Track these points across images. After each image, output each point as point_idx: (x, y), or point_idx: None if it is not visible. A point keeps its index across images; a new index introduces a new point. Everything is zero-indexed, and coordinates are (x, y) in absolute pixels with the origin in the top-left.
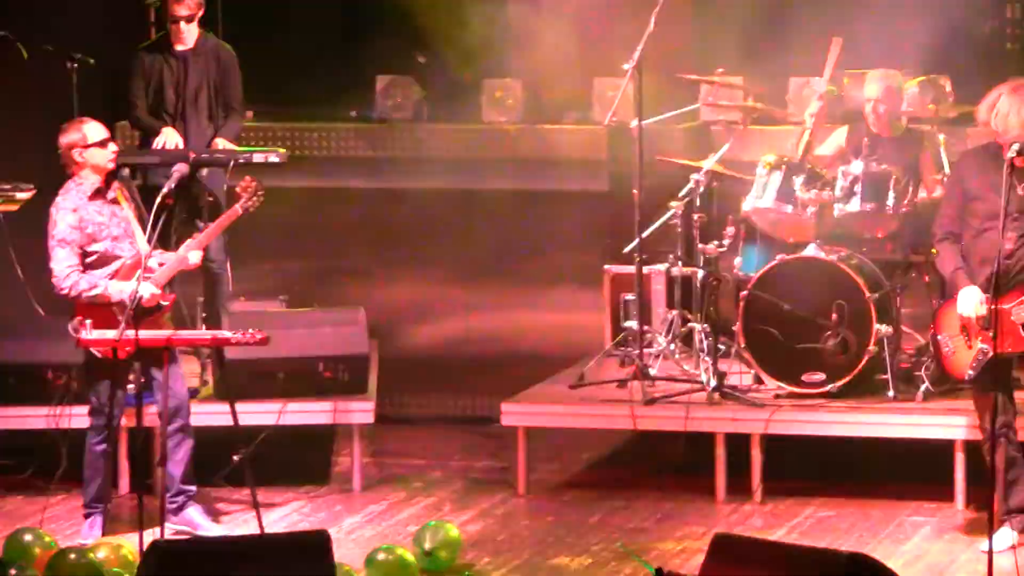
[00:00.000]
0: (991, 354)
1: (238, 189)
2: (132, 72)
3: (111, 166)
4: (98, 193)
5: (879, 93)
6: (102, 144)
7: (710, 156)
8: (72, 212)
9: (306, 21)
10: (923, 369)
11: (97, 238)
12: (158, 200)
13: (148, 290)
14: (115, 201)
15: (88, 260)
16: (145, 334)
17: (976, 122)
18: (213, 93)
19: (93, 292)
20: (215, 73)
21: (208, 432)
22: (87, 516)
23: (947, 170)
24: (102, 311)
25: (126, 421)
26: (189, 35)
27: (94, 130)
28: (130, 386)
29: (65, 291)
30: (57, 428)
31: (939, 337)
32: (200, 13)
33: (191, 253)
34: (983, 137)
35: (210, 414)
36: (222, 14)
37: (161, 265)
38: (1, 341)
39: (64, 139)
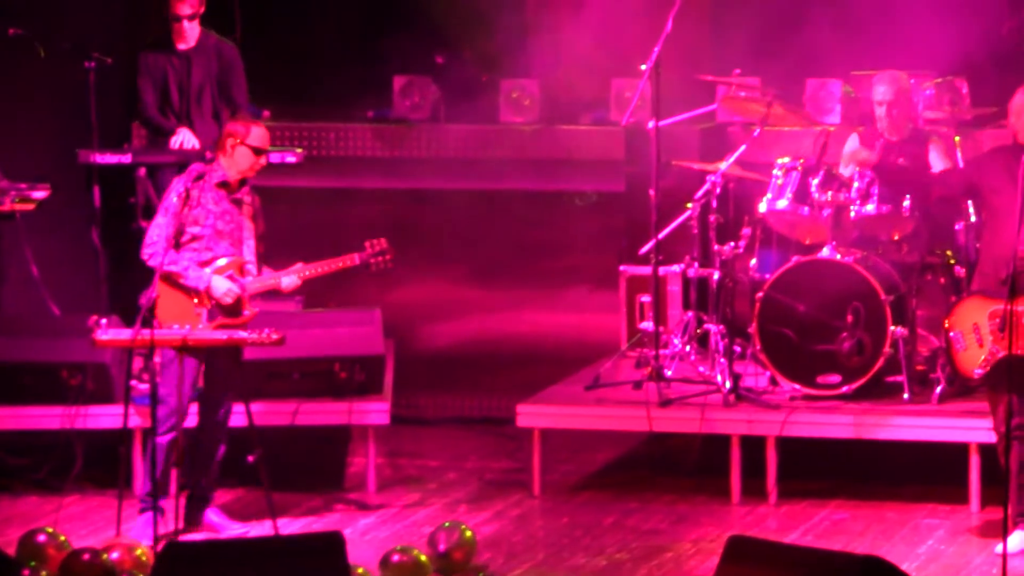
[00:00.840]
0: (1001, 355)
1: (367, 243)
2: (139, 72)
3: (249, 175)
4: (223, 186)
5: (889, 95)
6: (256, 152)
7: (727, 157)
8: (186, 187)
9: (324, 21)
10: (939, 368)
11: (199, 222)
12: (174, 199)
13: (225, 285)
14: (237, 202)
15: (182, 239)
16: (160, 334)
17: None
18: (217, 91)
19: (171, 268)
20: (218, 71)
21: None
22: (141, 512)
23: (960, 163)
24: (177, 296)
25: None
26: (191, 34)
27: (258, 136)
28: (143, 385)
29: (146, 258)
30: (72, 428)
31: (952, 334)
32: (201, 11)
33: (287, 278)
34: (1000, 139)
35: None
36: (240, 14)
37: (255, 275)
38: (16, 340)
39: (230, 124)
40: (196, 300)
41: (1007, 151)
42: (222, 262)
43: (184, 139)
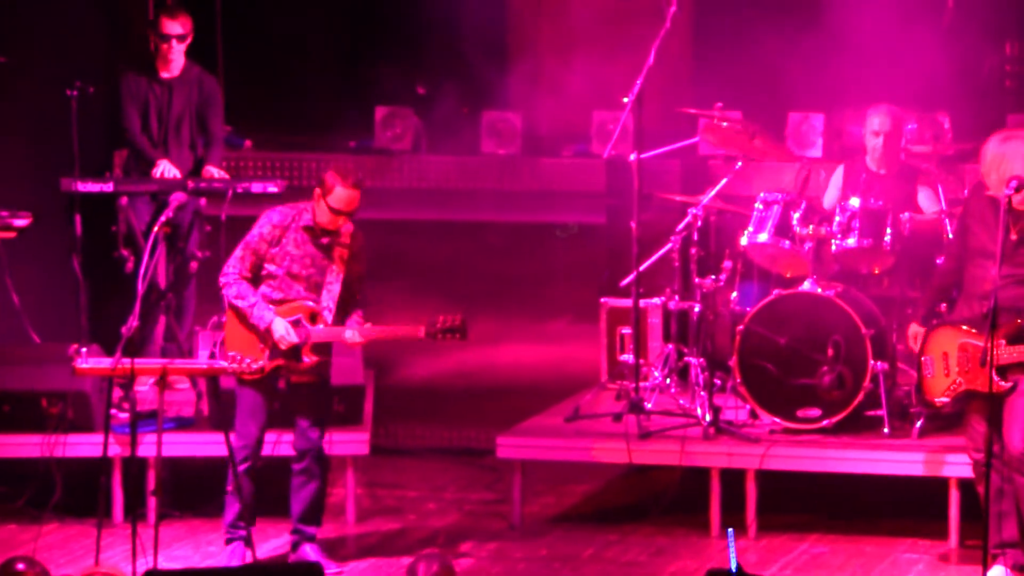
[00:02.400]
0: (964, 387)
1: (441, 317)
2: (122, 94)
3: (324, 227)
4: (309, 230)
5: (884, 126)
6: (334, 212)
7: (708, 190)
8: (273, 225)
9: (306, 52)
10: (920, 408)
11: (276, 261)
12: (155, 229)
13: (282, 330)
14: (324, 247)
15: (261, 273)
16: (141, 363)
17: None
18: (195, 122)
19: (238, 302)
20: (198, 102)
21: (202, 462)
22: (227, 543)
23: (943, 206)
24: (244, 330)
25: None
26: (176, 60)
27: (339, 197)
28: (123, 414)
29: (220, 285)
30: (52, 456)
31: (923, 358)
32: (190, 39)
33: (352, 332)
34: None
35: (205, 444)
36: (223, 44)
37: (328, 323)
38: None
39: (327, 172)
40: (258, 335)
41: (983, 194)
42: (290, 304)
43: (165, 169)
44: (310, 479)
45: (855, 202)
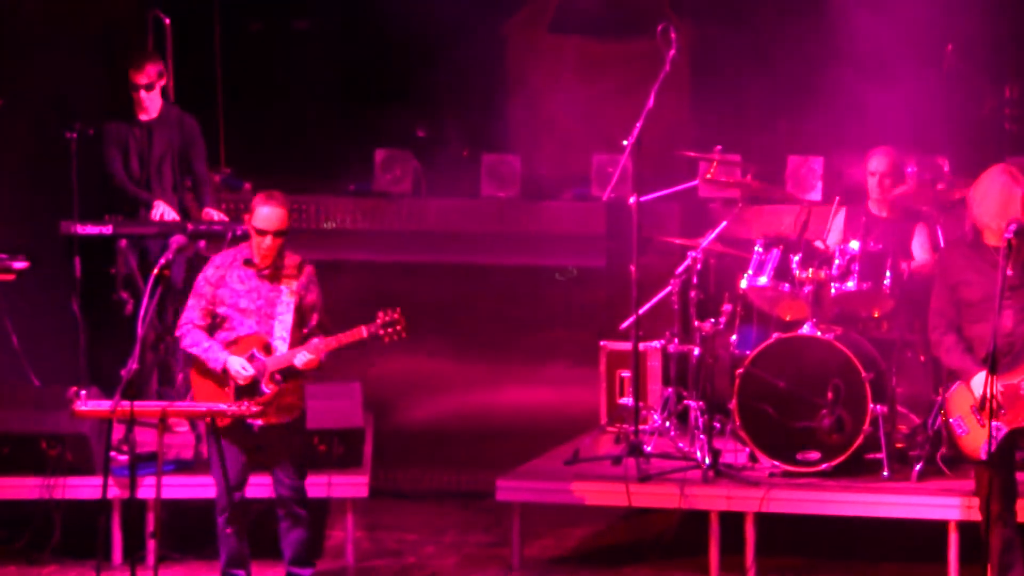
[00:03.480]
0: (1005, 430)
1: (380, 313)
2: (105, 142)
3: (259, 254)
4: (248, 263)
5: (881, 166)
6: (258, 232)
7: (708, 233)
8: (215, 267)
9: (306, 95)
10: (918, 446)
11: (224, 302)
12: (155, 271)
13: (237, 365)
14: (271, 279)
15: (216, 320)
16: (140, 405)
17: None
18: (178, 163)
19: (192, 350)
20: (180, 143)
21: (201, 504)
22: None
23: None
24: (207, 379)
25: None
26: (151, 104)
27: (261, 216)
28: (122, 456)
29: (178, 339)
30: (51, 498)
31: (951, 420)
32: (161, 83)
33: (301, 353)
34: None
35: (204, 487)
36: (223, 87)
37: (283, 352)
38: None
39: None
40: (220, 377)
41: (962, 246)
42: (241, 339)
43: (164, 211)
44: (295, 524)
45: (855, 245)
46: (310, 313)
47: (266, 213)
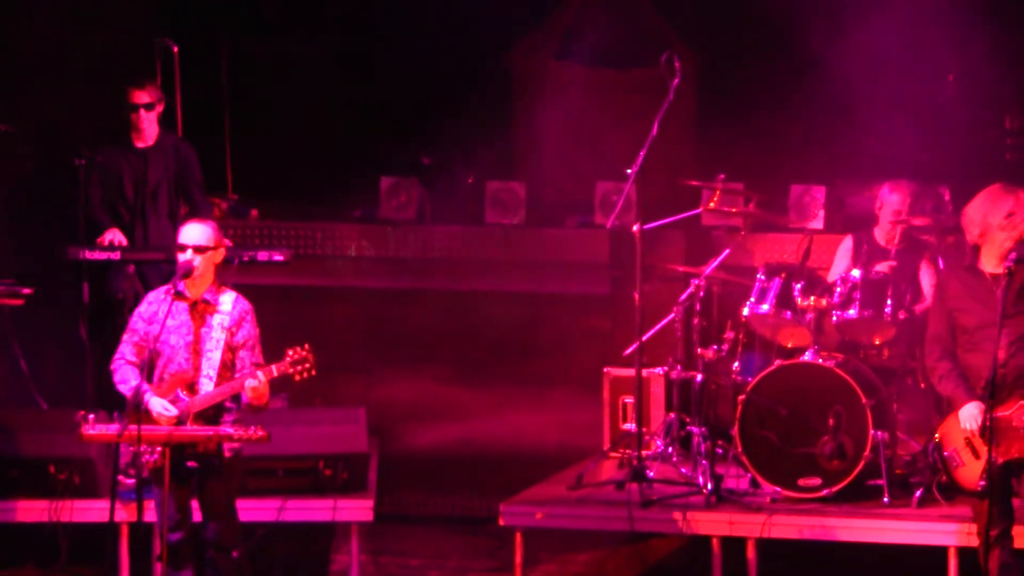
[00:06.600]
0: (1000, 461)
1: (290, 351)
2: (89, 168)
3: (181, 277)
4: (179, 295)
5: (901, 202)
6: (179, 248)
7: (711, 261)
8: (148, 303)
9: (312, 122)
10: (919, 472)
11: (160, 337)
12: (162, 297)
13: (159, 405)
14: (200, 315)
15: (151, 355)
16: (147, 429)
17: None
18: (174, 190)
19: (121, 387)
20: (176, 170)
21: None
22: None
23: None
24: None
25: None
26: (148, 127)
27: (182, 231)
28: (129, 479)
29: (111, 374)
30: (58, 521)
31: (946, 453)
32: (159, 108)
33: (249, 380)
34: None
35: None
36: (229, 114)
37: (208, 391)
38: (4, 434)
39: None
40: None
41: (959, 270)
42: (167, 377)
43: (114, 237)
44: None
45: (856, 273)
46: (243, 350)
47: (186, 227)
